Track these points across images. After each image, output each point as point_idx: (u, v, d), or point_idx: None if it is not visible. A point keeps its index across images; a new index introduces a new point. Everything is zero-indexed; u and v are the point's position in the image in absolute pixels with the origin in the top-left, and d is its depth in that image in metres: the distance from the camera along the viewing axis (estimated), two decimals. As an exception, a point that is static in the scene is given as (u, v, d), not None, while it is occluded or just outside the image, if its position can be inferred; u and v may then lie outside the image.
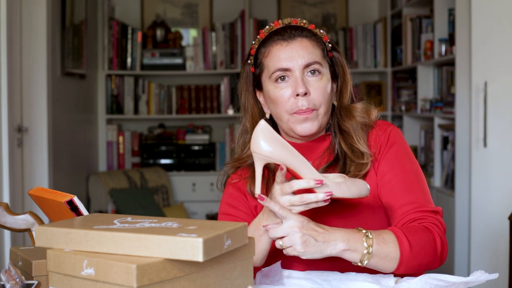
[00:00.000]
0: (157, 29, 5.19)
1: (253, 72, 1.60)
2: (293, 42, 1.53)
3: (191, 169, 5.21)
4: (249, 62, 1.61)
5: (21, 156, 3.61)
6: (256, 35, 1.85)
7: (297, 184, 1.32)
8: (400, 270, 1.40)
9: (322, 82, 1.53)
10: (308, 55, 1.52)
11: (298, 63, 1.51)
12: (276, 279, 1.36)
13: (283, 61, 1.52)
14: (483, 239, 3.36)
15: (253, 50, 1.59)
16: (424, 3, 4.38)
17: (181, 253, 1.05)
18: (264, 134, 1.33)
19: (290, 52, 1.52)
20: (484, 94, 3.30)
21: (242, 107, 1.63)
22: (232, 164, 1.65)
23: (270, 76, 1.54)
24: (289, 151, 1.34)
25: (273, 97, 1.54)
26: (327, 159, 1.58)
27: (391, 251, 1.37)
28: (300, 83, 1.50)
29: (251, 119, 1.61)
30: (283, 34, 1.54)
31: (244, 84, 1.62)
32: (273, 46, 1.54)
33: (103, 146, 5.22)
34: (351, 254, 1.35)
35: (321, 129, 1.57)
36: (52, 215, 1.49)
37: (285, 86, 1.52)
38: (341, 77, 1.61)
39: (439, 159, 4.05)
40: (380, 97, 5.20)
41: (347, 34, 5.16)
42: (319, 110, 1.53)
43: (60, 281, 1.12)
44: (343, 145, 1.55)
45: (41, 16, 3.73)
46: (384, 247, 1.36)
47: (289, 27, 1.56)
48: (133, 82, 5.20)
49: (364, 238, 1.35)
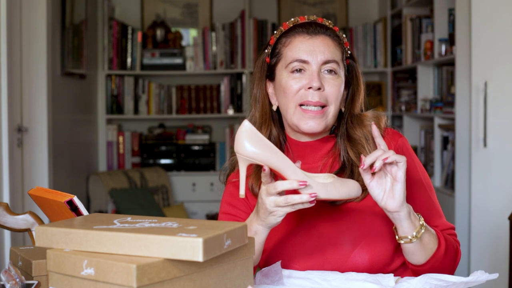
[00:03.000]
0: (157, 29, 5.19)
1: (268, 63, 1.60)
2: (316, 38, 1.54)
3: (191, 169, 5.21)
4: (266, 52, 1.61)
5: (21, 156, 3.61)
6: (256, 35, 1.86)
7: (280, 185, 1.31)
8: (426, 266, 1.45)
9: (337, 81, 1.53)
10: (328, 53, 1.53)
11: (318, 58, 1.52)
12: (276, 279, 1.36)
13: (303, 52, 1.52)
14: (483, 239, 3.36)
15: (273, 40, 1.60)
16: (424, 3, 4.38)
17: (181, 253, 1.05)
18: (247, 135, 1.32)
19: (311, 46, 1.53)
20: (484, 94, 3.30)
21: (253, 98, 1.63)
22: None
23: (287, 65, 1.54)
24: (273, 152, 1.32)
25: (284, 85, 1.54)
26: (329, 162, 1.57)
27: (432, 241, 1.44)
28: (316, 77, 1.50)
29: (261, 110, 1.61)
30: (308, 28, 1.55)
31: (258, 74, 1.62)
32: (296, 37, 1.55)
33: (103, 146, 5.22)
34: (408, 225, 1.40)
35: (327, 129, 1.57)
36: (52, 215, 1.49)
37: (299, 77, 1.52)
38: (355, 85, 1.61)
39: (439, 159, 4.05)
40: (380, 97, 5.20)
41: (347, 34, 5.16)
42: (329, 108, 1.52)
43: (60, 281, 1.12)
44: (350, 153, 1.54)
45: (41, 16, 3.73)
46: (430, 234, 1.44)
47: (314, 23, 1.56)
48: (133, 82, 5.20)
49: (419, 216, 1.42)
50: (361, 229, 1.49)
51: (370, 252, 1.47)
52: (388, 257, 1.48)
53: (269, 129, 1.59)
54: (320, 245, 1.49)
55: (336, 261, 1.48)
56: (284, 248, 1.51)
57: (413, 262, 1.46)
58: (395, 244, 1.50)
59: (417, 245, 1.42)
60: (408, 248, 1.42)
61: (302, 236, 1.51)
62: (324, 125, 1.53)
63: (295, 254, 1.50)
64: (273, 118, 1.61)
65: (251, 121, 1.62)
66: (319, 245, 1.49)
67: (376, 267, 1.48)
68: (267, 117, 1.60)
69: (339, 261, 1.47)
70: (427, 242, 1.42)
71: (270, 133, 1.59)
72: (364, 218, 1.50)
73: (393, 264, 1.50)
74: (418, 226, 1.40)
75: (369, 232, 1.47)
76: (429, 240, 1.43)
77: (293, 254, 1.50)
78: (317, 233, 1.50)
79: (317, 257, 1.49)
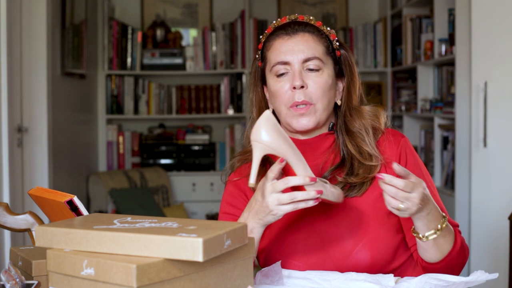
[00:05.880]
0: (157, 29, 5.19)
1: (261, 67, 1.61)
2: (295, 37, 1.54)
3: (191, 169, 5.21)
4: (257, 57, 1.63)
5: (21, 156, 3.61)
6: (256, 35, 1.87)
7: (292, 181, 1.30)
8: (440, 264, 1.43)
9: (321, 77, 1.53)
10: (308, 50, 1.52)
11: (298, 57, 1.52)
12: (276, 279, 1.35)
13: (283, 54, 1.53)
14: (483, 239, 3.36)
15: (260, 44, 1.61)
16: (424, 3, 4.38)
17: (181, 253, 1.05)
18: (267, 123, 1.30)
19: (290, 46, 1.53)
20: (484, 94, 3.30)
21: (250, 101, 1.64)
22: (239, 158, 1.64)
23: (271, 69, 1.55)
24: (290, 146, 1.32)
25: (273, 90, 1.55)
26: (330, 158, 1.57)
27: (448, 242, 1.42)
28: (297, 76, 1.51)
29: (258, 113, 1.60)
30: (287, 28, 1.56)
31: (253, 79, 1.64)
32: (276, 40, 1.56)
33: (103, 146, 5.22)
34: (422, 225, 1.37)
35: (320, 125, 1.56)
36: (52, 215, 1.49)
37: (284, 80, 1.53)
38: (349, 76, 1.60)
39: (439, 159, 4.05)
40: (380, 97, 5.20)
41: (347, 34, 5.16)
42: (316, 105, 1.52)
43: (60, 281, 1.12)
44: (349, 146, 1.54)
45: (41, 16, 3.73)
46: (446, 235, 1.41)
47: (293, 22, 1.57)
48: (133, 82, 5.20)
49: (442, 220, 1.39)
50: (363, 225, 1.48)
51: (372, 249, 1.47)
52: (390, 254, 1.48)
53: None
54: (322, 242, 1.49)
55: (338, 258, 1.47)
56: (285, 245, 1.51)
57: (425, 259, 1.44)
58: (397, 242, 1.50)
59: (429, 244, 1.40)
60: (420, 244, 1.42)
61: (303, 233, 1.51)
62: (316, 121, 1.53)
63: (296, 251, 1.50)
64: None
65: (251, 124, 1.62)
66: (321, 242, 1.49)
67: (378, 265, 1.47)
68: None
69: (341, 258, 1.47)
70: (441, 243, 1.41)
71: None
72: (366, 213, 1.49)
73: (395, 261, 1.49)
74: (434, 229, 1.38)
75: (371, 228, 1.47)
76: (444, 242, 1.41)
77: (294, 251, 1.50)
78: (319, 230, 1.50)
79: (319, 254, 1.49)
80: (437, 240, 1.39)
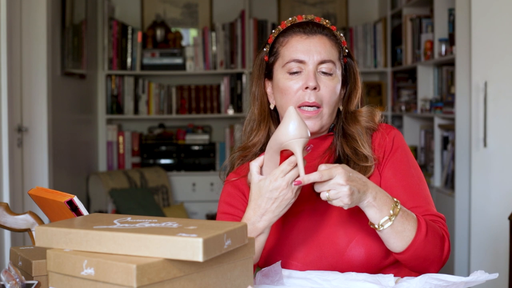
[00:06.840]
0: (157, 29, 5.19)
1: (266, 61, 1.61)
2: (313, 37, 1.55)
3: (191, 169, 5.21)
4: (264, 50, 1.62)
5: (21, 156, 3.61)
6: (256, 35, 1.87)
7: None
8: (407, 254, 1.40)
9: (333, 81, 1.55)
10: (325, 53, 1.54)
11: (314, 58, 1.53)
12: (276, 279, 1.36)
13: (299, 52, 1.54)
14: (483, 239, 3.36)
15: (271, 38, 1.61)
16: (424, 3, 4.38)
17: (181, 253, 1.05)
18: (301, 118, 1.33)
19: (308, 46, 1.54)
20: (484, 94, 3.30)
21: (251, 95, 1.64)
22: (239, 154, 1.64)
23: (284, 65, 1.55)
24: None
25: (282, 86, 1.55)
26: (327, 159, 1.59)
27: (409, 229, 1.39)
28: (312, 77, 1.52)
29: (260, 107, 1.62)
30: (305, 27, 1.56)
31: (257, 72, 1.64)
32: (293, 36, 1.56)
33: (103, 146, 5.22)
34: (374, 213, 1.37)
35: (323, 129, 1.58)
36: (52, 215, 1.49)
37: (297, 78, 1.54)
38: (352, 83, 1.62)
39: (439, 159, 4.05)
40: (380, 97, 5.20)
41: (347, 34, 5.16)
42: (323, 109, 1.54)
43: (60, 281, 1.12)
44: (346, 149, 1.56)
45: (41, 16, 3.73)
46: (405, 222, 1.39)
47: (311, 22, 1.58)
48: (133, 82, 5.20)
49: (393, 205, 1.38)
50: (355, 223, 1.50)
51: (366, 246, 1.47)
52: (384, 250, 1.48)
53: (268, 126, 1.61)
54: (317, 241, 1.50)
55: (333, 255, 1.48)
56: (283, 245, 1.52)
57: (390, 249, 1.43)
58: None
59: (388, 233, 1.39)
60: (381, 236, 1.41)
61: (299, 233, 1.52)
62: (320, 125, 1.55)
63: (294, 251, 1.51)
64: (271, 115, 1.62)
65: (250, 118, 1.64)
66: (316, 241, 1.51)
67: (372, 261, 1.48)
68: (265, 114, 1.62)
69: (336, 256, 1.48)
70: (400, 230, 1.39)
71: (269, 131, 1.61)
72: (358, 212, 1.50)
73: (390, 257, 1.50)
74: (387, 215, 1.37)
75: (364, 226, 1.48)
76: (403, 229, 1.39)
77: (292, 251, 1.51)
78: (313, 229, 1.52)
79: (314, 253, 1.50)
80: (395, 227, 1.38)
